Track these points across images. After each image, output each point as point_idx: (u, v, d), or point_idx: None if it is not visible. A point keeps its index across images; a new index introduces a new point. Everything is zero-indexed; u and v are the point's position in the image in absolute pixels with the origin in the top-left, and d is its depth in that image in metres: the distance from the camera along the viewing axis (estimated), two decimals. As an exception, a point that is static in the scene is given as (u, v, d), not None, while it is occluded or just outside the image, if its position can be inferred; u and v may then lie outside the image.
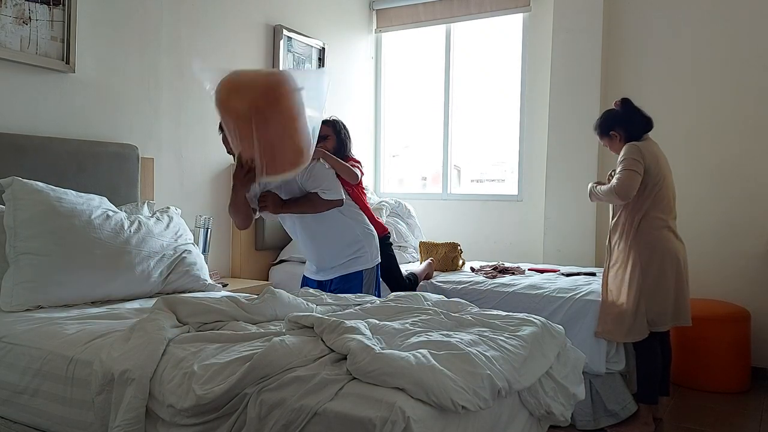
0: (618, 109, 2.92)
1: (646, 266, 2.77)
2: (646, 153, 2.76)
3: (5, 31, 2.54)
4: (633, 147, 2.77)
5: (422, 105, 5.13)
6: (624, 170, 2.74)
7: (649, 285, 2.76)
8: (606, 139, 2.95)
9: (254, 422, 1.45)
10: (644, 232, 2.78)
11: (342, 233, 2.75)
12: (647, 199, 2.77)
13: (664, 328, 2.82)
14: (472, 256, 4.41)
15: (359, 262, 2.76)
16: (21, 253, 2.24)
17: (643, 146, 2.79)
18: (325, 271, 2.79)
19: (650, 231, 2.78)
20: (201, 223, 3.24)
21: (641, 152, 2.75)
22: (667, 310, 2.77)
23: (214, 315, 1.97)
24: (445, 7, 4.84)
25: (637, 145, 2.78)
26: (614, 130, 2.89)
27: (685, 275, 2.84)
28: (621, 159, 2.79)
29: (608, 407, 2.83)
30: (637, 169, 2.73)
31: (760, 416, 3.10)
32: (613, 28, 4.16)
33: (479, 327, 1.97)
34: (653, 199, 2.77)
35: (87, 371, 1.75)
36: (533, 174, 4.51)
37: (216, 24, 3.60)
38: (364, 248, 2.77)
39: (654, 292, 2.76)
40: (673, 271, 2.77)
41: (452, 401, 1.41)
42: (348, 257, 2.75)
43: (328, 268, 2.78)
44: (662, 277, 2.76)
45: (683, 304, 2.81)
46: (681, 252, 2.83)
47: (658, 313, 2.77)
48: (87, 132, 2.90)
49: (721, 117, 3.85)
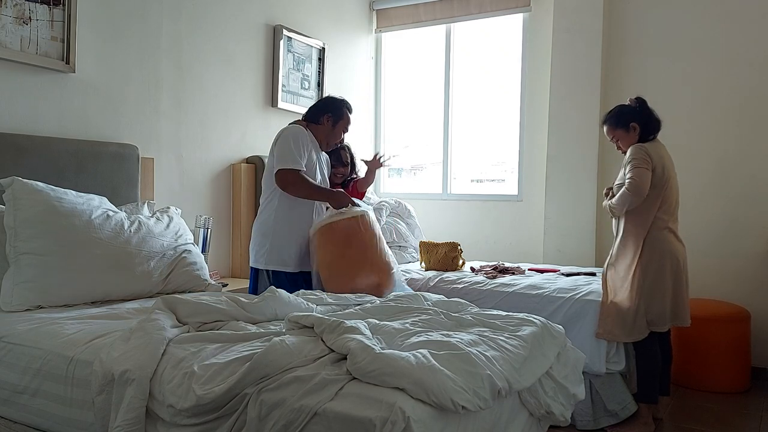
0: (634, 105, 2.90)
1: (645, 266, 2.77)
2: (653, 154, 2.76)
3: (5, 31, 2.54)
4: (640, 148, 2.77)
5: (422, 105, 5.13)
6: (634, 169, 2.73)
7: (649, 285, 2.77)
8: (621, 131, 2.89)
9: (254, 422, 1.45)
10: (648, 233, 2.78)
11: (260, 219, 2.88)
12: (656, 200, 2.77)
13: (664, 328, 2.82)
14: (472, 256, 4.41)
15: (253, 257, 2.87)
16: (21, 253, 2.24)
17: (650, 147, 2.79)
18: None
19: (651, 231, 2.78)
20: (201, 223, 3.24)
21: (648, 153, 2.75)
22: (666, 311, 2.78)
23: (214, 315, 1.97)
24: (445, 7, 4.84)
25: (644, 147, 2.78)
26: (635, 122, 2.86)
27: (685, 276, 2.84)
28: (629, 160, 2.78)
29: (608, 407, 2.83)
30: (647, 166, 2.72)
31: (760, 416, 3.10)
32: (613, 28, 4.16)
33: (479, 327, 1.97)
34: (661, 201, 2.77)
35: (87, 371, 1.75)
36: (533, 174, 4.51)
37: (216, 24, 3.60)
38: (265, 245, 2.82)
39: (653, 293, 2.77)
40: (672, 271, 2.78)
41: (452, 401, 1.41)
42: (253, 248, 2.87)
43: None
44: (661, 278, 2.76)
45: (682, 305, 2.81)
46: (681, 253, 2.83)
47: (657, 314, 2.77)
48: (87, 132, 2.90)
49: (721, 116, 3.85)
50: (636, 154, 2.76)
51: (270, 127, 4.00)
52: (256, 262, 2.84)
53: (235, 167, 3.73)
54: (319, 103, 3.02)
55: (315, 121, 2.91)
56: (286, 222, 2.80)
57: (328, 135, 2.92)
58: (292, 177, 2.70)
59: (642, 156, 2.74)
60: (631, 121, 2.87)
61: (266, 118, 4.02)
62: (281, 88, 4.08)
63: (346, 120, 2.94)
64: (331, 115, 2.90)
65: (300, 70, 4.27)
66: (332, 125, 2.90)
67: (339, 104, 2.94)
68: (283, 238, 2.79)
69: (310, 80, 4.38)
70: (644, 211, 2.78)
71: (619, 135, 2.91)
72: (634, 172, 2.72)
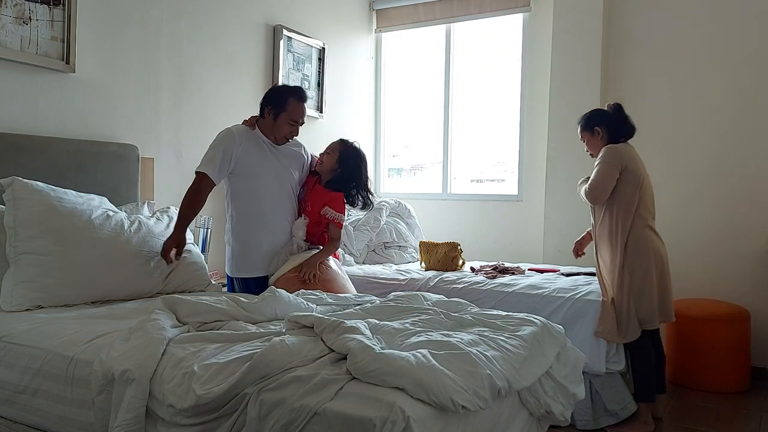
0: (609, 110, 2.96)
1: (632, 267, 2.81)
2: (625, 154, 2.81)
3: (5, 31, 2.54)
4: (612, 150, 2.82)
5: (422, 105, 5.13)
6: (598, 171, 2.80)
7: (638, 285, 2.81)
8: (587, 135, 2.97)
9: (254, 422, 1.46)
10: (630, 232, 2.81)
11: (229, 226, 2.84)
12: (634, 200, 2.80)
13: (654, 325, 2.85)
14: (472, 256, 4.41)
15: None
16: (21, 253, 2.24)
17: (622, 148, 2.84)
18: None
19: (634, 231, 2.81)
20: (201, 223, 3.24)
21: (620, 155, 2.80)
22: (654, 308, 2.82)
23: (214, 315, 1.97)
24: (445, 7, 4.84)
25: (616, 148, 2.82)
26: (599, 126, 2.91)
27: (668, 273, 2.90)
28: (598, 162, 2.83)
29: (608, 407, 2.83)
30: (612, 172, 2.77)
31: (760, 416, 3.10)
32: (613, 28, 4.16)
33: (479, 327, 1.97)
34: (639, 200, 2.81)
35: (87, 371, 1.75)
36: (533, 174, 4.51)
37: (216, 24, 3.60)
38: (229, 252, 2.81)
39: (642, 291, 2.81)
40: (658, 269, 2.82)
41: (452, 401, 1.41)
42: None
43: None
44: (648, 277, 2.80)
45: (668, 301, 2.87)
46: (663, 250, 2.89)
47: (648, 312, 2.81)
48: (87, 132, 2.90)
49: (722, 116, 3.85)
50: (607, 157, 2.81)
51: (270, 127, 4.01)
52: (227, 269, 2.86)
53: (235, 167, 3.73)
54: (265, 95, 2.78)
55: (261, 116, 2.74)
56: (241, 227, 2.75)
57: (273, 129, 2.71)
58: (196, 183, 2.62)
59: (611, 156, 2.79)
60: (596, 125, 2.92)
61: (266, 118, 4.02)
62: (281, 88, 4.07)
63: (290, 111, 2.67)
64: (271, 108, 2.69)
65: (300, 70, 4.27)
66: (273, 118, 2.69)
67: (279, 93, 2.71)
68: (242, 244, 2.75)
69: (310, 80, 4.38)
70: (625, 210, 2.81)
71: (585, 137, 2.98)
72: (596, 174, 2.80)
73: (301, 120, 2.74)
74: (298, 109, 2.70)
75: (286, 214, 2.81)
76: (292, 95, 2.69)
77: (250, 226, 2.74)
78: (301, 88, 2.78)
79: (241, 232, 2.76)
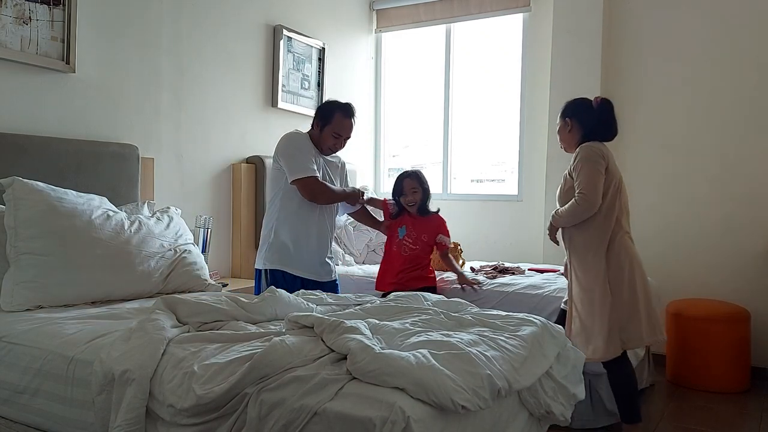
0: (594, 105, 2.61)
1: (614, 279, 2.48)
2: (606, 152, 2.50)
3: (5, 31, 2.54)
4: (591, 148, 2.48)
5: (422, 105, 5.13)
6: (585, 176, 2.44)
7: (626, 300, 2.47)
8: (560, 122, 2.66)
9: (254, 422, 1.46)
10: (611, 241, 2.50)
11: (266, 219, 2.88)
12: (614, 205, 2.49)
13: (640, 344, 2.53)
14: (472, 256, 4.41)
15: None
16: (21, 253, 2.24)
17: (601, 145, 2.52)
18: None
19: (613, 239, 2.50)
20: (201, 223, 3.24)
21: (602, 153, 2.48)
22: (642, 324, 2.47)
23: (214, 315, 1.97)
24: (445, 7, 4.84)
25: (596, 146, 2.49)
26: (571, 118, 2.61)
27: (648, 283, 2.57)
28: (578, 162, 2.48)
29: (608, 407, 2.82)
30: (599, 170, 2.43)
31: (760, 416, 3.10)
32: (613, 28, 4.16)
33: (479, 327, 1.97)
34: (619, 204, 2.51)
35: (87, 371, 1.75)
36: (533, 174, 4.51)
37: (216, 24, 3.61)
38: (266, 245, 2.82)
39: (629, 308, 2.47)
40: (642, 281, 2.52)
41: (452, 401, 1.42)
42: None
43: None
44: (632, 291, 2.48)
45: (654, 316, 2.54)
46: (639, 258, 2.56)
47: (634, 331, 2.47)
48: (87, 132, 2.90)
49: (722, 117, 3.85)
50: (585, 153, 2.47)
51: (270, 127, 4.01)
52: (257, 263, 2.85)
53: (235, 167, 3.73)
54: (317, 107, 2.95)
55: (312, 126, 2.91)
56: (286, 223, 2.79)
57: (318, 140, 2.85)
58: (313, 185, 2.71)
59: (592, 153, 2.45)
60: (569, 116, 2.62)
61: (266, 118, 4.02)
62: (281, 88, 4.08)
63: (335, 124, 2.79)
64: (319, 120, 2.84)
65: (300, 70, 4.27)
66: (320, 130, 2.84)
67: (327, 108, 2.85)
68: (285, 238, 2.78)
69: (310, 80, 4.38)
70: (606, 216, 2.49)
71: (559, 125, 2.69)
72: (583, 177, 2.44)
73: (345, 134, 2.86)
74: (342, 124, 2.82)
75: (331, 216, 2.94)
76: (339, 110, 2.83)
77: (295, 222, 2.80)
78: (349, 104, 2.88)
79: (285, 227, 2.79)
